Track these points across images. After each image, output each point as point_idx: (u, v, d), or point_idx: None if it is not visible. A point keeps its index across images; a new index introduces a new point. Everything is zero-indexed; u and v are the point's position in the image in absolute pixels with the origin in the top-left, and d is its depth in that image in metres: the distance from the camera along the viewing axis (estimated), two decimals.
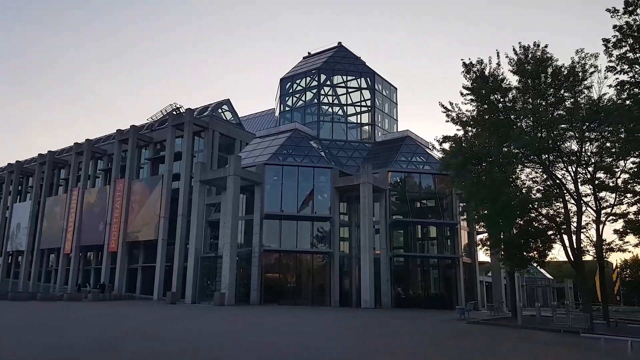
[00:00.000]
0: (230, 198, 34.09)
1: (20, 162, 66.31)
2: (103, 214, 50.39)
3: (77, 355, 9.02)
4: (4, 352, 9.48)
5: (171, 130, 46.51)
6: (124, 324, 17.29)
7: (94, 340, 11.53)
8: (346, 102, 45.08)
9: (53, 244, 56.02)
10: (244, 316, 22.14)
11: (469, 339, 14.78)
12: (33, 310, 22.72)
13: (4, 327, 14.56)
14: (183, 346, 10.57)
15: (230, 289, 32.25)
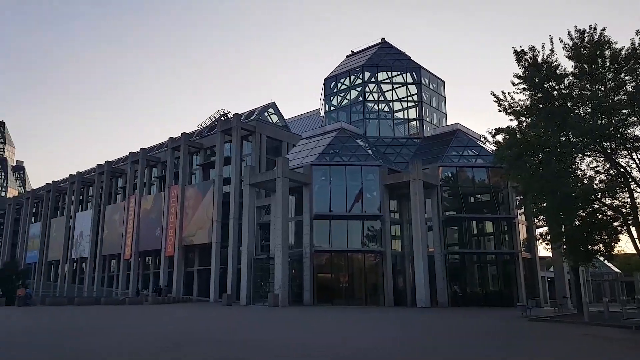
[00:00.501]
0: (280, 200, 34.65)
1: (80, 173, 70.24)
2: (159, 219, 52.55)
3: (169, 346, 9.60)
4: (104, 349, 10.19)
5: (220, 136, 47.86)
6: (191, 324, 18.03)
7: (168, 338, 12.17)
8: (392, 98, 44.69)
9: (114, 250, 59.02)
10: (304, 316, 22.49)
11: (534, 338, 14.36)
12: (102, 314, 24.08)
13: (90, 328, 15.57)
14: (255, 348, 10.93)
15: (283, 290, 32.81)
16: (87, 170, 70.94)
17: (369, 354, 9.82)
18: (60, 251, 68.95)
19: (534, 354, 10.95)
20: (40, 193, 79.70)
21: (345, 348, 10.77)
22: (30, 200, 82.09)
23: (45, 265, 72.51)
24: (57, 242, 70.31)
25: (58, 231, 70.89)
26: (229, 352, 9.98)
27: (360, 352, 9.93)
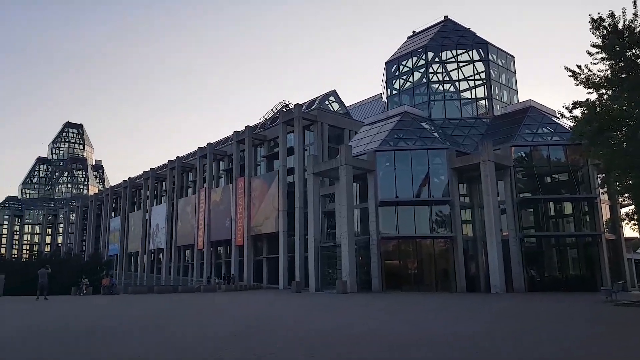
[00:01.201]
0: (344, 188, 34.79)
1: (154, 169, 74.34)
2: (228, 210, 54.63)
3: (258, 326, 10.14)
4: (199, 329, 10.91)
5: (282, 127, 48.76)
6: (269, 310, 18.74)
7: (248, 320, 12.80)
8: (458, 77, 43.20)
9: (187, 241, 62.16)
10: (378, 303, 22.61)
11: (625, 324, 13.55)
12: (186, 301, 25.55)
13: (178, 315, 16.55)
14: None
15: (351, 277, 33.06)
16: (160, 166, 74.90)
17: (479, 341, 9.62)
18: (138, 243, 73.60)
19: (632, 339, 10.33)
20: (118, 189, 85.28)
21: (444, 335, 10.66)
22: (110, 196, 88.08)
23: (125, 257, 77.73)
24: (136, 234, 75.09)
25: (136, 224, 75.65)
26: (317, 338, 10.25)
27: (466, 339, 9.69)
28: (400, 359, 7.33)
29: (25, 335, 10.65)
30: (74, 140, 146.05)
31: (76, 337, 9.97)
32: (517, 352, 7.91)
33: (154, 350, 8.20)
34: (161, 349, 8.35)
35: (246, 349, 8.16)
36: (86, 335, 10.22)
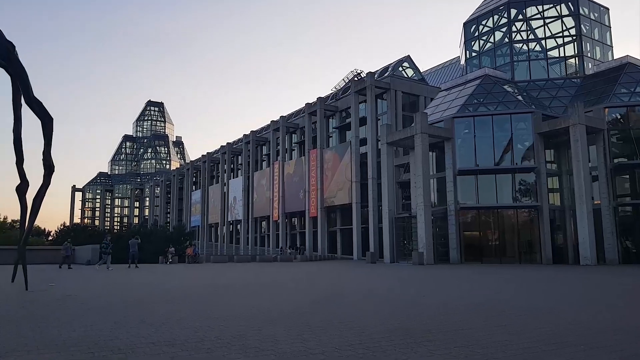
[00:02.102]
0: (419, 157, 33.69)
1: (230, 144, 76.61)
2: (301, 182, 55.22)
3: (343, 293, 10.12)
4: (296, 293, 11.06)
5: (354, 97, 47.95)
6: (348, 280, 18.71)
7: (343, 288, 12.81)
8: (544, 35, 39.84)
9: (263, 212, 63.86)
10: (460, 274, 21.88)
11: None
12: (268, 270, 26.26)
13: (264, 284, 16.95)
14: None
15: (428, 248, 32.25)
16: (236, 141, 77.01)
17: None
18: (218, 215, 76.80)
19: None
20: (197, 164, 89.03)
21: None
22: (190, 170, 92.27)
23: (206, 228, 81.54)
24: (215, 207, 78.34)
25: (215, 197, 78.84)
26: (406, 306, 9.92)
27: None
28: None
29: (183, 290, 11.21)
30: (155, 118, 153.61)
31: (219, 290, 10.34)
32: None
33: (260, 307, 8.24)
34: (268, 305, 8.38)
35: (330, 313, 7.95)
36: (225, 289, 10.60)
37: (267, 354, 4.83)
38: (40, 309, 8.53)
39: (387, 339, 5.70)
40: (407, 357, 4.76)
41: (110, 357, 4.70)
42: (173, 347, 5.14)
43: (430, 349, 5.16)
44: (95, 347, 5.19)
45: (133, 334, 5.95)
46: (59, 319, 7.29)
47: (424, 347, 5.25)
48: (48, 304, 9.31)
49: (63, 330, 6.23)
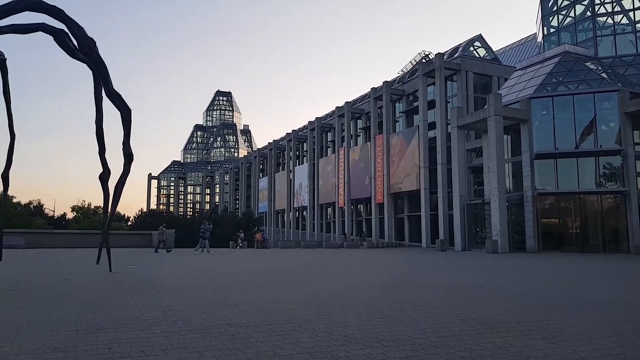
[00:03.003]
0: (493, 140, 32.39)
1: (295, 131, 77.64)
2: (367, 169, 54.97)
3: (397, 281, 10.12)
4: (362, 281, 11.23)
5: (422, 79, 46.77)
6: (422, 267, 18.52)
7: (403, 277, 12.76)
8: (632, 6, 36.63)
9: (329, 199, 64.36)
10: (545, 263, 20.98)
11: None
12: (337, 256, 26.60)
13: (331, 269, 17.24)
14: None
15: (502, 236, 31.09)
16: (301, 128, 77.90)
17: None
18: (284, 201, 78.40)
19: None
20: (264, 151, 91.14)
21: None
22: (257, 158, 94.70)
23: (273, 214, 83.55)
24: (281, 193, 79.99)
25: (281, 184, 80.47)
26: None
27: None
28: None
29: (254, 274, 11.77)
30: (224, 107, 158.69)
31: (289, 275, 10.73)
32: None
33: (329, 292, 8.39)
34: (337, 290, 8.51)
35: (400, 299, 7.89)
36: (294, 274, 10.97)
37: (338, 339, 4.89)
38: (123, 289, 9.17)
39: (460, 327, 5.58)
40: (483, 348, 4.64)
41: (189, 336, 4.96)
42: (247, 329, 5.34)
43: (508, 339, 4.99)
44: (175, 326, 5.50)
45: (208, 315, 6.25)
46: (140, 299, 7.79)
47: (501, 337, 5.08)
48: (130, 285, 9.98)
49: (145, 310, 6.66)
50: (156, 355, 4.22)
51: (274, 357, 4.20)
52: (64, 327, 5.41)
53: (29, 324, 5.49)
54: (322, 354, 4.34)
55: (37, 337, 4.85)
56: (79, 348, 4.44)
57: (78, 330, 5.21)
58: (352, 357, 4.25)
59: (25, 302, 7.22)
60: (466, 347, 4.66)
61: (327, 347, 4.58)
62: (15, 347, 4.45)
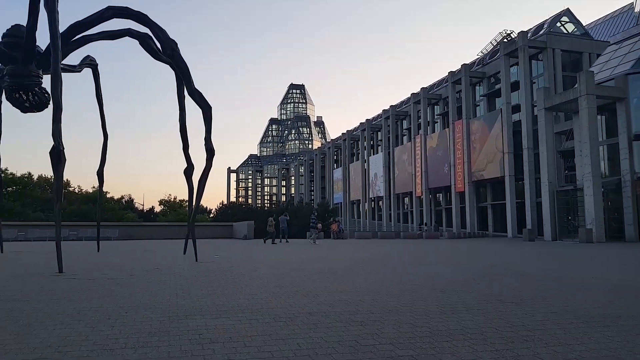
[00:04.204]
0: (585, 122, 30.25)
1: (369, 120, 77.23)
2: (446, 156, 53.48)
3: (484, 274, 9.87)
4: (445, 272, 11.14)
5: (504, 60, 44.57)
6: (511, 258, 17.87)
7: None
8: None
9: (405, 188, 63.49)
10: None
11: None
12: (411, 246, 26.31)
13: (411, 260, 17.16)
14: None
15: (597, 225, 29.06)
16: (375, 117, 77.37)
17: None
18: (359, 192, 78.46)
19: None
20: (338, 142, 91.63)
21: None
22: (331, 149, 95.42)
23: (349, 205, 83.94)
24: (356, 184, 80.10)
25: (356, 174, 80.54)
26: None
27: None
28: None
29: (332, 264, 12.14)
30: (297, 100, 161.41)
31: (367, 265, 10.92)
32: None
33: (410, 283, 8.36)
34: (419, 281, 8.46)
35: (486, 291, 7.61)
36: (373, 264, 11.12)
37: (421, 330, 4.84)
38: (208, 278, 9.66)
39: (553, 320, 5.30)
40: (579, 343, 4.37)
41: (273, 324, 5.13)
42: (328, 318, 5.42)
43: (608, 334, 4.66)
44: (258, 314, 5.71)
45: (291, 303, 6.43)
46: (224, 287, 8.18)
47: (599, 332, 4.76)
48: (215, 274, 10.49)
49: (229, 298, 6.98)
50: (242, 342, 4.41)
51: (356, 346, 4.24)
52: (157, 313, 5.81)
53: (126, 311, 5.95)
54: (405, 345, 4.31)
55: (134, 323, 5.25)
56: (172, 333, 4.75)
57: (170, 317, 5.57)
58: (437, 349, 4.18)
59: (120, 291, 7.84)
60: (560, 341, 4.42)
61: (410, 338, 4.54)
62: (116, 331, 4.85)
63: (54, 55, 10.97)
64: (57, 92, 10.67)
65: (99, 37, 13.92)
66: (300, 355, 3.96)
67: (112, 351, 4.09)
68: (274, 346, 4.25)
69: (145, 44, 13.87)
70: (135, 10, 12.86)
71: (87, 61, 16.52)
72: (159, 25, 12.88)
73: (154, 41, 13.70)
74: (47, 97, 13.62)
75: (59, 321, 5.31)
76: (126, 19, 13.33)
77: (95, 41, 13.96)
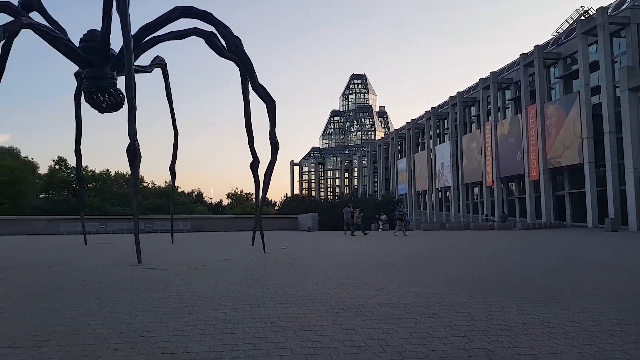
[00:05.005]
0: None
1: (435, 108, 75.45)
2: (518, 143, 51.25)
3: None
4: (519, 265, 10.88)
5: (581, 39, 41.87)
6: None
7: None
8: None
9: (475, 178, 61.55)
10: None
11: None
12: (483, 238, 25.59)
13: (482, 252, 16.78)
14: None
15: None
16: (440, 104, 75.46)
17: None
18: (425, 182, 77.03)
19: None
20: (402, 132, 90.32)
21: None
22: (395, 139, 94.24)
23: (414, 196, 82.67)
24: (422, 174, 78.69)
25: (421, 164, 79.10)
26: None
27: None
28: None
29: (397, 256, 12.23)
30: (359, 90, 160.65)
31: (435, 257, 10.90)
32: None
33: (481, 276, 8.19)
34: (491, 275, 8.27)
35: (565, 284, 7.26)
36: (441, 256, 11.07)
37: (497, 324, 4.73)
38: (277, 269, 9.93)
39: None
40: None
41: (342, 314, 5.21)
42: (398, 310, 5.43)
43: None
44: (327, 304, 5.82)
45: (358, 294, 6.48)
46: (293, 277, 8.38)
47: None
48: (283, 265, 10.76)
49: (299, 288, 7.15)
50: (313, 330, 4.52)
51: (429, 338, 4.22)
52: (230, 301, 6.07)
53: (201, 299, 6.27)
54: (479, 337, 4.24)
55: (209, 310, 5.52)
56: (246, 320, 4.96)
57: (243, 305, 5.81)
58: (514, 342, 4.08)
59: (195, 280, 8.24)
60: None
61: (485, 331, 4.46)
62: (193, 318, 5.12)
63: (127, 57, 11.63)
64: (132, 93, 11.32)
65: (167, 37, 14.58)
66: (371, 345, 4.00)
67: (191, 337, 4.33)
68: (345, 335, 4.33)
69: (210, 42, 14.36)
70: (201, 10, 13.32)
71: (157, 61, 17.37)
72: (223, 23, 13.27)
73: (219, 39, 14.15)
74: (122, 97, 14.49)
75: (141, 308, 5.69)
76: (192, 18, 13.86)
77: (164, 41, 14.64)
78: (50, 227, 37.73)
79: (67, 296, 6.60)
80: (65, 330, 4.59)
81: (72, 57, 14.03)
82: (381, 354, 3.78)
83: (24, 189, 60.02)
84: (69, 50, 13.79)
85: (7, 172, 56.30)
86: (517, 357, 3.68)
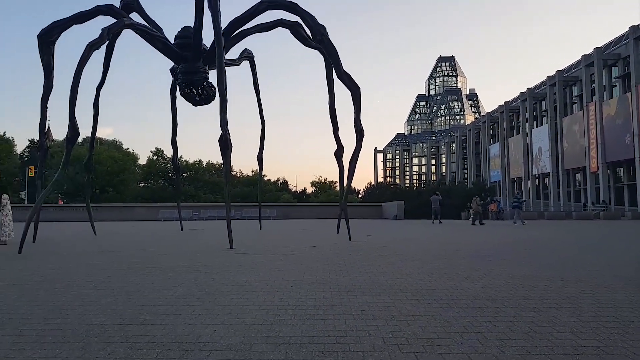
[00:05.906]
0: None
1: (530, 89, 71.06)
2: (627, 125, 46.97)
3: None
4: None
5: None
6: None
7: None
8: None
9: (577, 163, 57.35)
10: None
11: None
12: (588, 229, 23.95)
13: (588, 244, 15.82)
14: None
15: None
16: (537, 85, 70.94)
17: None
18: (520, 168, 73.05)
19: None
20: (494, 115, 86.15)
21: None
22: (486, 123, 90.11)
23: (508, 183, 78.77)
24: (516, 160, 74.67)
25: (516, 149, 75.05)
26: None
27: None
28: None
29: (483, 246, 11.98)
30: (447, 73, 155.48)
31: (529, 247, 10.53)
32: None
33: (595, 266, 7.69)
34: (609, 265, 7.74)
35: None
36: (538, 245, 10.68)
37: (607, 321, 4.39)
38: (363, 257, 9.94)
39: None
40: None
41: (435, 305, 5.10)
42: (495, 303, 5.21)
43: None
44: (418, 294, 5.72)
45: (450, 285, 6.31)
46: (380, 266, 8.34)
47: None
48: (369, 253, 10.75)
49: (387, 276, 7.11)
50: (405, 320, 4.46)
51: (530, 333, 4.00)
52: (320, 288, 6.17)
53: (291, 285, 6.44)
54: (588, 334, 3.95)
55: (299, 296, 5.66)
56: (335, 308, 5.01)
57: (332, 292, 5.88)
58: (628, 341, 3.76)
59: (284, 265, 8.48)
60: None
61: (594, 328, 4.15)
62: (285, 302, 5.27)
63: (219, 51, 12.14)
64: (223, 86, 11.82)
65: (255, 30, 15.03)
66: (467, 339, 3.88)
67: (284, 321, 4.46)
68: (439, 327, 4.23)
69: (296, 32, 14.60)
70: (287, 1, 13.54)
71: (245, 54, 18.00)
72: (309, 12, 13.39)
73: (304, 29, 14.34)
74: (214, 90, 15.19)
75: (234, 291, 5.96)
76: (278, 9, 14.15)
77: (252, 34, 15.10)
78: (149, 213, 40.76)
79: (168, 278, 7.09)
80: (168, 310, 4.92)
81: (168, 53, 14.93)
82: (479, 347, 3.65)
83: (127, 178, 65.38)
84: (165, 48, 14.68)
85: (111, 163, 61.61)
86: (634, 357, 3.38)
